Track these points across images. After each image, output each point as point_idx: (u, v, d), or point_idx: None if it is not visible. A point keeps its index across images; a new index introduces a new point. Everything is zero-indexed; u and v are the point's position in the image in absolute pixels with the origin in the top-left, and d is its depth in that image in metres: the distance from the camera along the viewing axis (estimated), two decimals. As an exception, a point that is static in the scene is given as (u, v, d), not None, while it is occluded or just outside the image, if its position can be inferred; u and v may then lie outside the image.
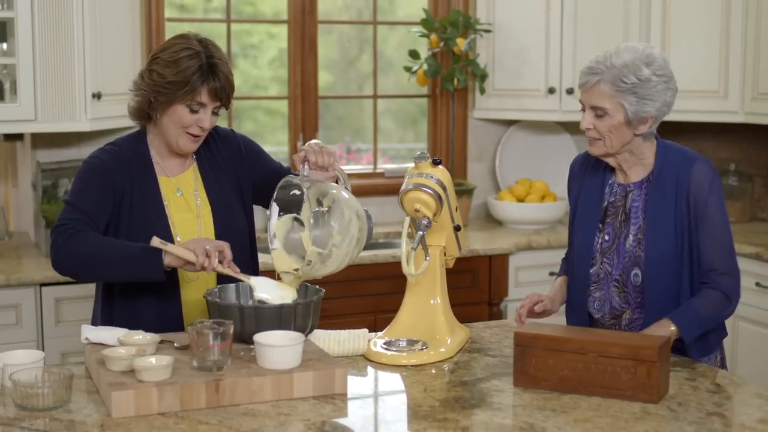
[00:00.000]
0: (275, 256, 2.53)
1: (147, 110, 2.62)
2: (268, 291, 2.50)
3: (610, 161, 2.65)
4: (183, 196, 2.68)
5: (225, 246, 2.47)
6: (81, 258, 2.50)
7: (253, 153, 2.80)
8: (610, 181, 2.68)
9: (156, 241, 2.44)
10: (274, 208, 2.54)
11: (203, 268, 2.44)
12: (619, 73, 2.50)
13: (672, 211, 2.56)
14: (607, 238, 2.64)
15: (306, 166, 2.55)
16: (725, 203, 2.61)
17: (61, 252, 2.51)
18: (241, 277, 2.50)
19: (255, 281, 2.51)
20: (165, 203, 2.65)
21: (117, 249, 2.49)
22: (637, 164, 2.63)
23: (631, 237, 2.60)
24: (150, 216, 2.61)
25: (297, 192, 2.53)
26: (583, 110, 2.59)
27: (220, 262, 2.46)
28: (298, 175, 2.56)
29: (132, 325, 2.49)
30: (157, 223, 2.61)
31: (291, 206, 2.54)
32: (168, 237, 2.59)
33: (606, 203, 2.67)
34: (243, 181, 2.76)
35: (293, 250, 2.53)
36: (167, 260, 2.44)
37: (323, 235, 2.46)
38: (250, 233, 2.79)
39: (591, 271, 2.66)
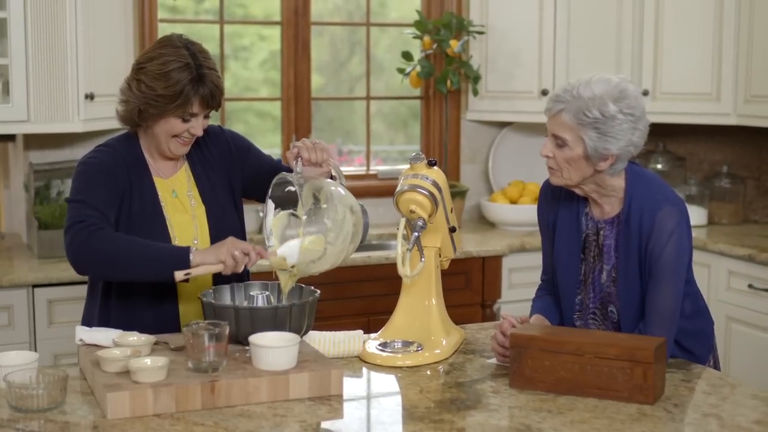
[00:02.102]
0: (272, 253, 2.52)
1: (136, 119, 2.60)
2: (292, 251, 2.46)
3: (577, 191, 2.53)
4: (178, 198, 2.67)
5: (249, 249, 2.43)
6: (105, 256, 2.43)
7: (243, 149, 2.79)
8: (585, 211, 2.58)
9: (179, 275, 2.40)
10: (270, 205, 2.53)
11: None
12: (583, 106, 2.38)
13: (636, 255, 2.47)
14: (587, 270, 2.58)
15: (299, 163, 2.54)
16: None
17: (83, 249, 2.44)
18: (268, 254, 2.47)
19: (281, 251, 2.47)
20: (162, 204, 2.64)
21: (144, 250, 2.44)
22: (607, 196, 2.51)
23: (605, 274, 2.53)
24: (148, 217, 2.60)
25: (291, 188, 2.51)
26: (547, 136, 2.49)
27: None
28: (291, 171, 2.55)
29: (128, 326, 2.48)
30: (155, 224, 2.60)
31: (286, 203, 2.53)
32: (165, 238, 2.58)
33: (584, 234, 2.58)
34: (234, 179, 2.75)
35: (289, 247, 2.52)
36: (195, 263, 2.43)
37: (318, 233, 2.45)
38: (242, 231, 2.78)
39: (576, 299, 2.61)
